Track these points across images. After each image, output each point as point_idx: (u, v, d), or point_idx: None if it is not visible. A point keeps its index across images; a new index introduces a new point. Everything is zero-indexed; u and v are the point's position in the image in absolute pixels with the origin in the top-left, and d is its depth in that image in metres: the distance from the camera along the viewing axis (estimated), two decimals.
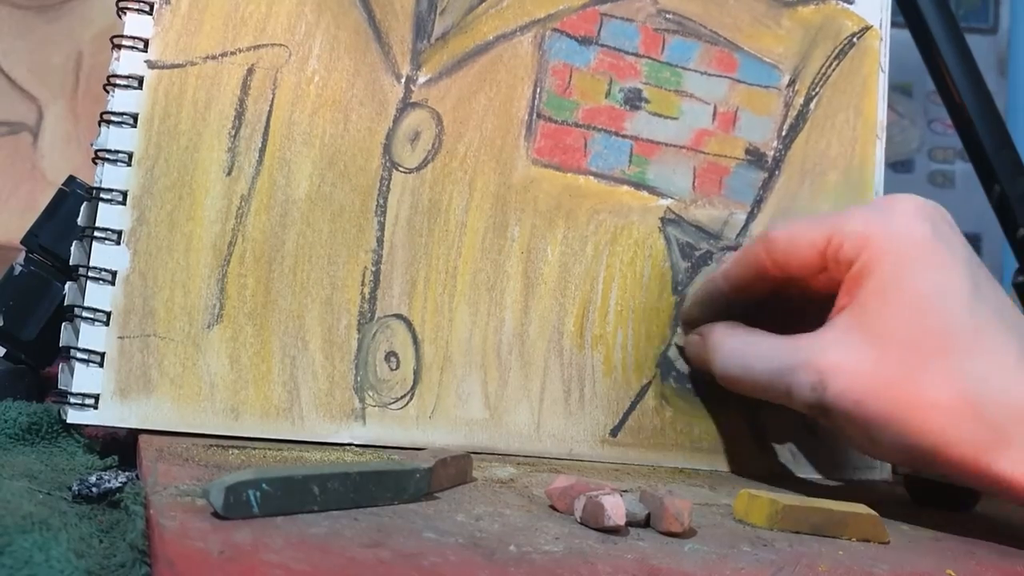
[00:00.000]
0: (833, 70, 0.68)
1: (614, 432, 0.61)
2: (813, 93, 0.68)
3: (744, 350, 0.57)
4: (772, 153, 0.67)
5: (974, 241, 1.24)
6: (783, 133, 0.67)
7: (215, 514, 0.39)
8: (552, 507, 0.48)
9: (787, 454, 0.64)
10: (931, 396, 0.49)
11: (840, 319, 0.53)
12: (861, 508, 0.50)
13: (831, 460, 0.65)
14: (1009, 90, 1.26)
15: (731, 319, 0.60)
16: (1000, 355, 0.50)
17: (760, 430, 0.64)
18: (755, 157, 0.66)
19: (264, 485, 0.40)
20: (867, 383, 0.51)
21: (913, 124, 1.26)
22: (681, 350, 0.63)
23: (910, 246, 0.52)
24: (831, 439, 0.65)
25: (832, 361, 0.52)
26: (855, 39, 0.69)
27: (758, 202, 0.66)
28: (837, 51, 0.69)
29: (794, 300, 0.58)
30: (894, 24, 0.71)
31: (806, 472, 0.64)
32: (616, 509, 0.44)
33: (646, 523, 0.46)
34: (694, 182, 0.65)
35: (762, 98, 0.67)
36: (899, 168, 1.26)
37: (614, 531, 0.44)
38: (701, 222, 0.65)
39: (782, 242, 0.56)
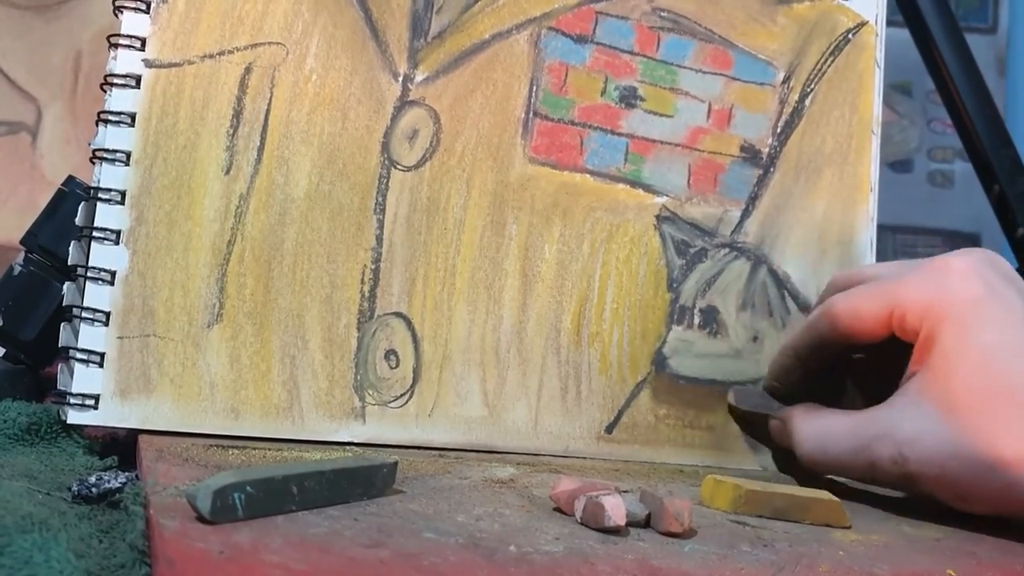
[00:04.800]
0: (828, 66, 0.68)
1: (609, 429, 0.61)
2: (808, 89, 0.68)
3: (822, 432, 0.58)
4: (767, 150, 0.67)
5: (973, 241, 1.24)
6: (778, 130, 0.67)
7: (200, 519, 0.39)
8: (557, 510, 0.47)
9: (776, 450, 0.64)
10: (1009, 454, 0.50)
11: (911, 387, 0.54)
12: (823, 494, 0.51)
13: None
14: (1008, 89, 1.26)
15: (810, 386, 0.62)
16: None
17: None
18: (750, 154, 0.66)
19: (249, 488, 0.40)
20: (945, 450, 0.51)
21: (912, 124, 1.26)
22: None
23: (966, 308, 0.53)
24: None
25: (908, 432, 0.53)
26: (850, 35, 0.69)
27: (753, 199, 0.66)
28: (832, 47, 0.69)
29: (871, 347, 0.59)
30: (894, 23, 0.71)
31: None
32: (616, 509, 0.44)
33: (646, 523, 0.46)
34: (689, 179, 0.65)
35: (757, 95, 0.67)
36: (898, 168, 1.26)
37: (614, 531, 0.44)
38: (696, 219, 0.65)
39: (845, 317, 0.57)
